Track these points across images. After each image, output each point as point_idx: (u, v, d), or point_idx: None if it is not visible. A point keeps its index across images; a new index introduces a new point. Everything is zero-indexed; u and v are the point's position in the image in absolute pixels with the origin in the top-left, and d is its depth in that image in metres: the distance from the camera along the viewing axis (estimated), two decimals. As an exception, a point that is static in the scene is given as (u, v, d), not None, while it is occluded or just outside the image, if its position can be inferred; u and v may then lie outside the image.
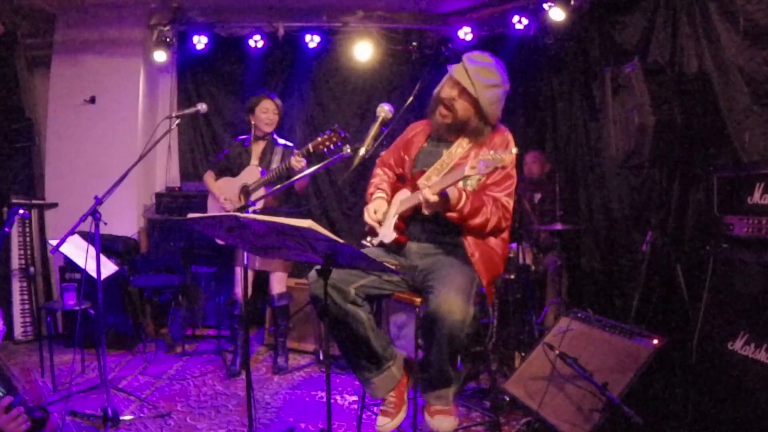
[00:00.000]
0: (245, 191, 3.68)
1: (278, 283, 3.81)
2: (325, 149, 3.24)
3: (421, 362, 2.26)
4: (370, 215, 2.40)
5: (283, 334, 3.89)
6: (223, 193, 3.78)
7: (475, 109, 2.28)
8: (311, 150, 3.31)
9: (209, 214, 3.39)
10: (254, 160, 3.78)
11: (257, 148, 3.82)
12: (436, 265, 2.24)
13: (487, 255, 2.27)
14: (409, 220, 2.37)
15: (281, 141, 3.88)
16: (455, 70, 2.28)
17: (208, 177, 3.91)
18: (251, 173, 3.71)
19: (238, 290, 3.77)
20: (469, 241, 2.25)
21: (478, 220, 2.17)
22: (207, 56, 5.19)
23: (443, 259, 2.27)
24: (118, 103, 4.94)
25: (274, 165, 3.71)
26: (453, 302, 1.99)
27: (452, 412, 2.21)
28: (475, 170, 1.92)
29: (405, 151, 2.53)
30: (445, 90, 2.33)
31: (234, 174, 3.80)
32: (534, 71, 5.09)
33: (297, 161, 3.38)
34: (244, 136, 3.91)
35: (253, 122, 3.79)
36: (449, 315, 1.98)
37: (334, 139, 3.20)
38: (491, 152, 1.91)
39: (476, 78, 2.23)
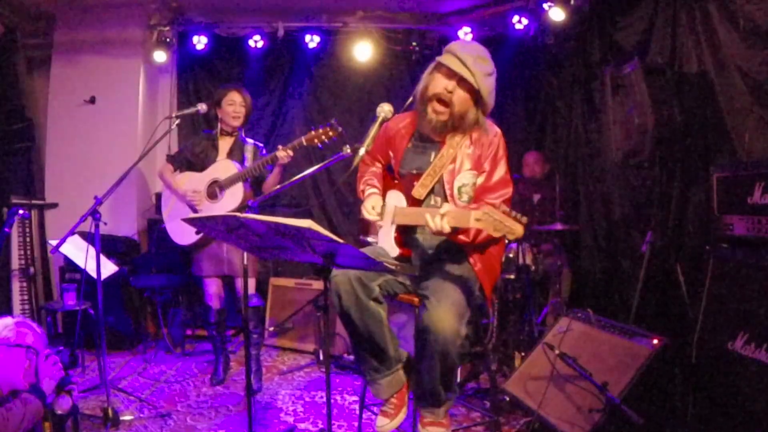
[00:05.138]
0: (217, 186, 3.45)
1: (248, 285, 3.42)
2: (320, 143, 3.07)
3: (415, 376, 2.24)
4: (368, 212, 2.32)
5: (256, 345, 3.49)
6: (187, 187, 3.49)
7: (474, 100, 2.18)
8: (304, 143, 3.09)
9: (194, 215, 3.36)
10: (221, 156, 3.52)
11: (224, 144, 3.57)
12: (433, 272, 2.19)
13: (488, 263, 2.24)
14: (407, 231, 2.30)
15: (249, 140, 3.64)
16: (449, 61, 2.13)
17: (166, 169, 3.60)
18: (225, 167, 3.45)
19: (212, 298, 3.56)
20: (471, 253, 2.21)
21: (485, 233, 2.09)
22: (207, 56, 5.19)
23: (442, 266, 2.21)
24: (118, 104, 4.94)
25: (248, 163, 3.48)
26: (444, 317, 1.97)
27: (444, 425, 2.21)
28: (492, 230, 1.87)
29: (389, 146, 2.42)
30: (437, 84, 2.17)
31: (198, 169, 3.53)
32: (534, 71, 5.08)
33: (286, 154, 3.14)
34: (209, 131, 3.71)
35: (219, 116, 3.56)
36: (441, 330, 1.96)
37: (331, 134, 3.02)
38: (503, 216, 1.82)
39: (475, 67, 2.12)
